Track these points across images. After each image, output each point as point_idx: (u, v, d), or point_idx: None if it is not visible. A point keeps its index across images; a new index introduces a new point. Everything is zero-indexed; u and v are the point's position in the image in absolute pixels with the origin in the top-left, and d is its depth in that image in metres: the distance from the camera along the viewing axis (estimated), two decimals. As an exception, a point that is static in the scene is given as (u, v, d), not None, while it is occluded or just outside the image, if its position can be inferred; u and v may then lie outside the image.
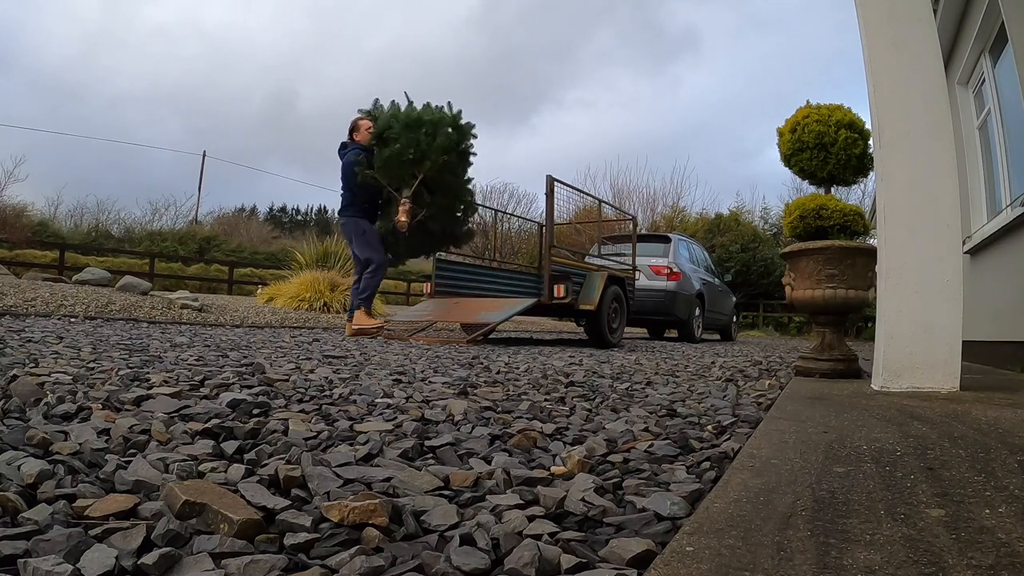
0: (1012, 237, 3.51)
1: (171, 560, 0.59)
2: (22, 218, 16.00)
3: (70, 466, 0.87)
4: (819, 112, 2.79)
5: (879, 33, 2.13)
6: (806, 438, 1.17)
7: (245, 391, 1.62)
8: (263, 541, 0.66)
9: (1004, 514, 0.71)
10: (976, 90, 4.55)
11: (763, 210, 24.04)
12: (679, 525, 0.73)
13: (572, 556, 0.64)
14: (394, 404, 1.58)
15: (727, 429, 1.42)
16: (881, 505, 0.75)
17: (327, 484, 0.84)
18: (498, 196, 20.02)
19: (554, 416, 1.54)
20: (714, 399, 1.94)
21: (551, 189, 5.80)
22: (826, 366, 2.62)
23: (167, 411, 1.28)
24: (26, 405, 1.27)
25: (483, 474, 0.95)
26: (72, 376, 1.70)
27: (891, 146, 2.08)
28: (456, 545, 0.65)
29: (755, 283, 18.94)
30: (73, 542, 0.61)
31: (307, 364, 2.49)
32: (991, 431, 1.25)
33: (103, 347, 2.70)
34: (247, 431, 1.15)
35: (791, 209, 2.87)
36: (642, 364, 3.54)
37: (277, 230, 27.67)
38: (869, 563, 0.57)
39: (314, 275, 8.26)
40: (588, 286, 5.90)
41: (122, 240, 20.33)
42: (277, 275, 9.84)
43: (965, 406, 1.62)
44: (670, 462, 1.09)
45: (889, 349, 2.02)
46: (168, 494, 0.73)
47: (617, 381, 2.43)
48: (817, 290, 2.60)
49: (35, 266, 12.12)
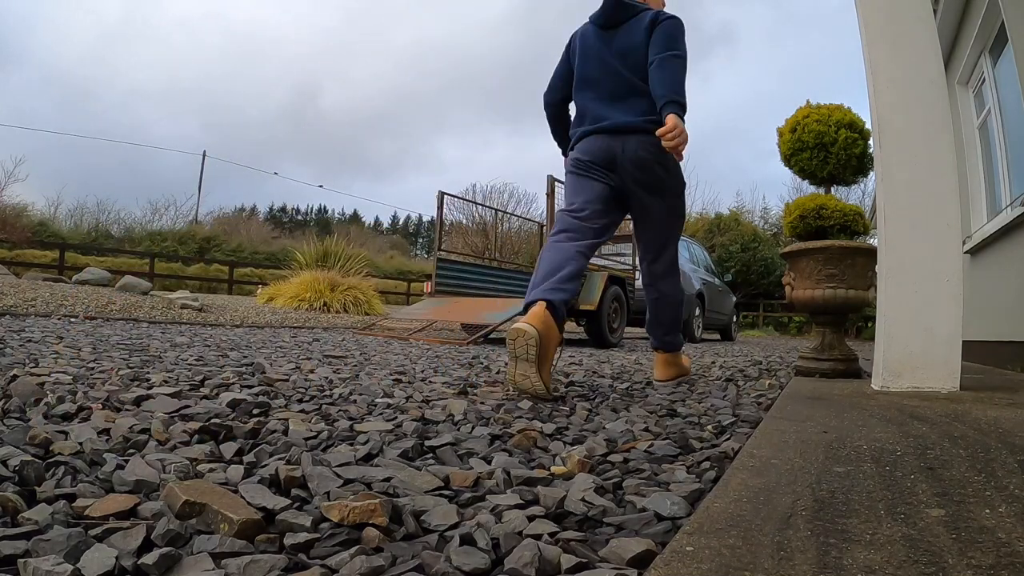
0: (1012, 237, 3.51)
1: (171, 560, 0.59)
2: (22, 218, 16.01)
3: (70, 466, 0.87)
4: (819, 112, 2.79)
5: (879, 33, 2.13)
6: (806, 438, 1.17)
7: (245, 391, 1.62)
8: (263, 541, 0.66)
9: (1004, 514, 0.71)
10: (976, 90, 4.55)
11: (763, 210, 24.09)
12: (679, 525, 0.73)
13: (572, 556, 0.64)
14: (394, 404, 1.58)
15: (727, 429, 1.42)
16: (881, 505, 0.75)
17: (327, 484, 0.84)
18: (498, 196, 20.02)
19: (554, 416, 1.54)
20: (714, 399, 1.94)
21: (552, 189, 5.80)
22: (826, 366, 2.62)
23: (167, 411, 1.28)
24: (26, 405, 1.27)
25: (483, 474, 0.95)
26: (72, 376, 1.70)
27: (891, 146, 2.08)
28: (456, 545, 0.65)
29: (755, 283, 18.96)
30: (73, 542, 0.61)
31: (307, 364, 2.49)
32: (991, 431, 1.25)
33: (103, 347, 2.70)
34: (247, 431, 1.15)
35: (791, 209, 2.87)
36: (642, 364, 3.54)
37: (277, 230, 27.70)
38: (869, 563, 0.57)
39: (314, 275, 8.27)
40: (588, 286, 5.90)
41: (122, 240, 20.33)
42: (277, 275, 9.85)
43: (965, 406, 1.62)
44: (670, 462, 1.09)
45: (889, 349, 2.02)
46: (168, 494, 0.73)
47: (617, 381, 2.43)
48: (817, 290, 2.60)
49: (35, 266, 12.13)
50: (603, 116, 2.12)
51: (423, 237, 49.65)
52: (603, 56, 2.15)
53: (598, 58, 2.16)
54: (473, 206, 15.64)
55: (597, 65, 2.16)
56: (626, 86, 2.11)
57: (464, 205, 15.19)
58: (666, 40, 2.06)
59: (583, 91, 2.21)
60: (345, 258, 9.11)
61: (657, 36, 2.07)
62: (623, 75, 2.11)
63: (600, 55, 2.16)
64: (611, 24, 2.17)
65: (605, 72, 2.15)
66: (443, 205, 6.48)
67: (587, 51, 2.19)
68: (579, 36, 2.25)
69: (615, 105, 2.12)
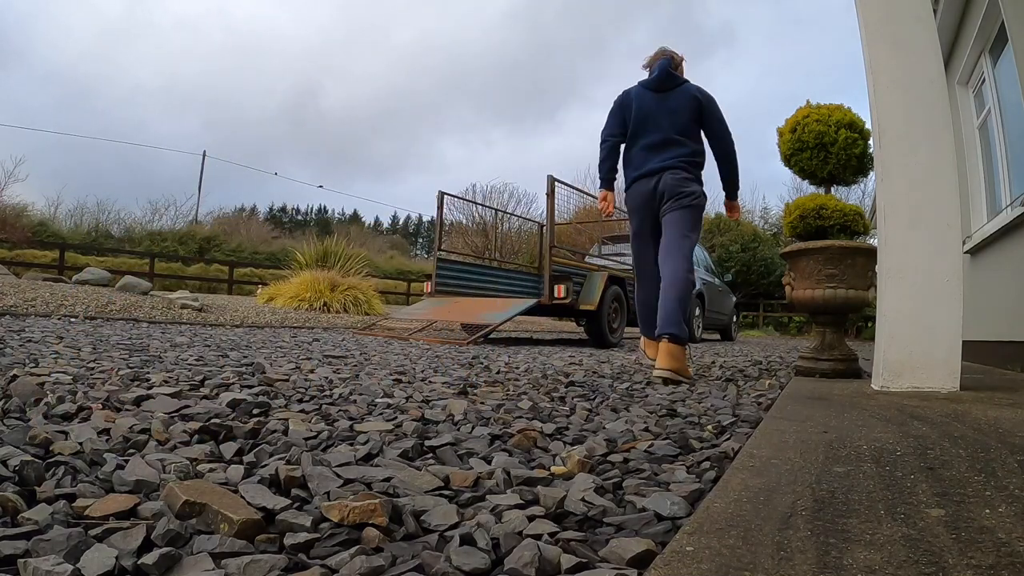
0: (1012, 237, 3.51)
1: (171, 560, 0.59)
2: (22, 218, 15.99)
3: (70, 466, 0.87)
4: (819, 112, 2.79)
5: (879, 33, 2.13)
6: (806, 438, 1.17)
7: (245, 391, 1.62)
8: (263, 541, 0.66)
9: (1004, 514, 0.71)
10: (976, 90, 4.55)
11: (763, 210, 24.07)
12: (679, 525, 0.73)
13: (572, 556, 0.64)
14: (394, 404, 1.58)
15: (727, 429, 1.41)
16: (881, 505, 0.75)
17: (327, 484, 0.84)
18: (498, 196, 20.02)
19: (554, 416, 1.54)
20: (714, 399, 1.94)
21: (552, 189, 5.80)
22: (826, 366, 2.62)
23: (167, 411, 1.28)
24: (26, 405, 1.27)
25: (483, 474, 0.95)
26: (72, 376, 1.70)
27: (891, 146, 2.08)
28: (456, 545, 0.65)
29: (755, 283, 18.96)
30: (73, 542, 0.61)
31: (307, 364, 2.49)
32: (991, 431, 1.25)
33: (103, 347, 2.70)
34: (247, 431, 1.16)
35: (791, 209, 2.87)
36: (642, 364, 3.54)
37: (277, 230, 27.68)
38: (869, 563, 0.57)
39: (314, 275, 8.27)
40: (588, 286, 5.90)
41: (122, 240, 20.32)
42: (277, 275, 9.85)
43: (965, 406, 1.62)
44: (670, 462, 1.09)
45: (889, 349, 2.02)
46: (168, 494, 0.73)
47: (617, 381, 2.43)
48: (817, 290, 2.60)
49: (35, 266, 12.13)
50: (645, 163, 2.83)
51: (423, 237, 49.66)
52: (655, 115, 2.83)
53: (651, 117, 2.84)
54: (473, 206, 15.64)
55: (649, 122, 2.85)
56: (668, 139, 2.80)
57: (464, 205, 15.20)
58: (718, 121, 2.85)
59: (635, 140, 2.88)
60: (345, 258, 9.11)
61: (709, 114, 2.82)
62: (667, 131, 2.80)
63: (653, 114, 2.83)
64: (662, 90, 2.86)
65: (655, 128, 2.83)
66: (443, 205, 6.48)
67: (642, 110, 2.85)
68: (636, 97, 2.90)
69: (657, 153, 2.81)
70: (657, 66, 2.89)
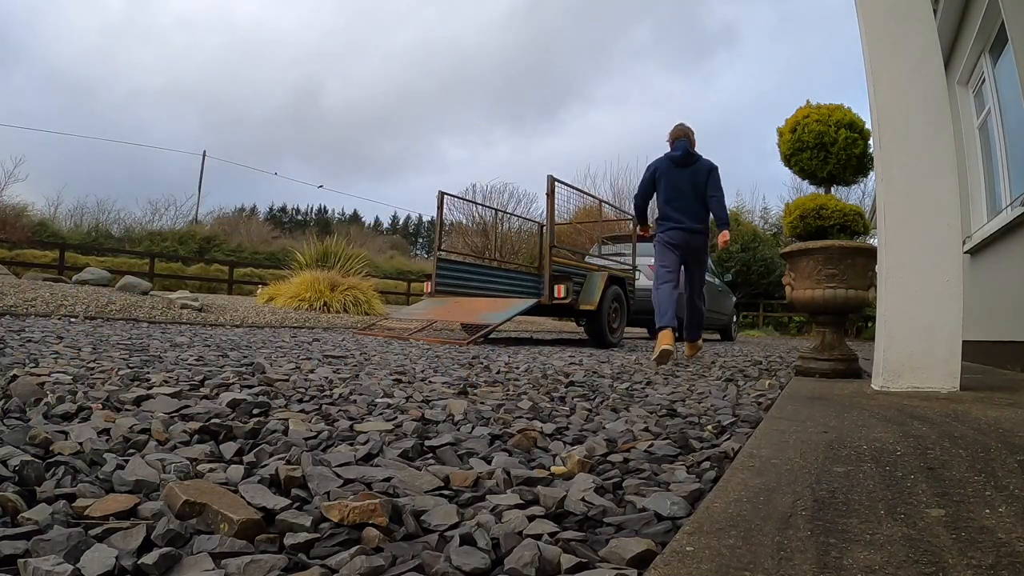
0: (1012, 237, 3.51)
1: (171, 560, 0.59)
2: (22, 218, 15.99)
3: (70, 466, 0.87)
4: (819, 112, 2.80)
5: (879, 33, 2.13)
6: (806, 438, 1.17)
7: (245, 391, 1.62)
8: (263, 541, 0.66)
9: (1004, 514, 0.71)
10: (976, 90, 4.55)
11: (763, 210, 24.06)
12: (679, 525, 0.73)
13: (572, 556, 0.64)
14: (394, 404, 1.58)
15: (727, 429, 1.42)
16: (881, 505, 0.75)
17: (327, 484, 0.84)
18: (498, 196, 19.99)
19: (554, 416, 1.54)
20: (714, 399, 1.94)
21: (552, 189, 5.80)
22: (826, 366, 2.62)
23: (167, 411, 1.28)
24: (26, 405, 1.27)
25: (483, 474, 0.95)
26: (72, 376, 1.70)
27: (891, 146, 2.08)
28: (456, 545, 0.65)
29: (755, 283, 18.94)
30: (73, 542, 0.61)
31: (307, 364, 2.49)
32: (991, 431, 1.25)
33: (103, 347, 2.70)
34: (247, 431, 1.16)
35: (791, 209, 2.87)
36: (642, 364, 3.54)
37: (277, 230, 27.64)
38: (869, 563, 0.57)
39: (314, 275, 8.26)
40: (588, 286, 5.89)
41: (122, 240, 20.30)
42: (277, 275, 9.85)
43: (965, 406, 1.62)
44: (670, 462, 1.09)
45: (889, 349, 2.02)
46: (168, 494, 0.73)
47: (617, 381, 2.43)
48: (817, 290, 2.60)
49: (35, 266, 12.12)
50: (679, 220, 3.95)
51: (423, 237, 49.64)
52: (680, 184, 3.94)
53: (677, 186, 3.95)
54: (473, 206, 15.63)
55: (677, 189, 3.94)
56: (691, 204, 3.95)
57: (464, 205, 15.18)
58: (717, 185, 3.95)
59: (668, 203, 3.97)
60: (345, 258, 9.10)
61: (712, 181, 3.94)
62: (691, 198, 3.94)
63: (679, 184, 3.94)
64: (684, 164, 3.95)
65: (682, 194, 3.94)
66: (443, 205, 6.48)
67: (670, 180, 3.96)
68: (665, 169, 3.98)
69: (685, 213, 3.94)
70: (679, 146, 3.98)
